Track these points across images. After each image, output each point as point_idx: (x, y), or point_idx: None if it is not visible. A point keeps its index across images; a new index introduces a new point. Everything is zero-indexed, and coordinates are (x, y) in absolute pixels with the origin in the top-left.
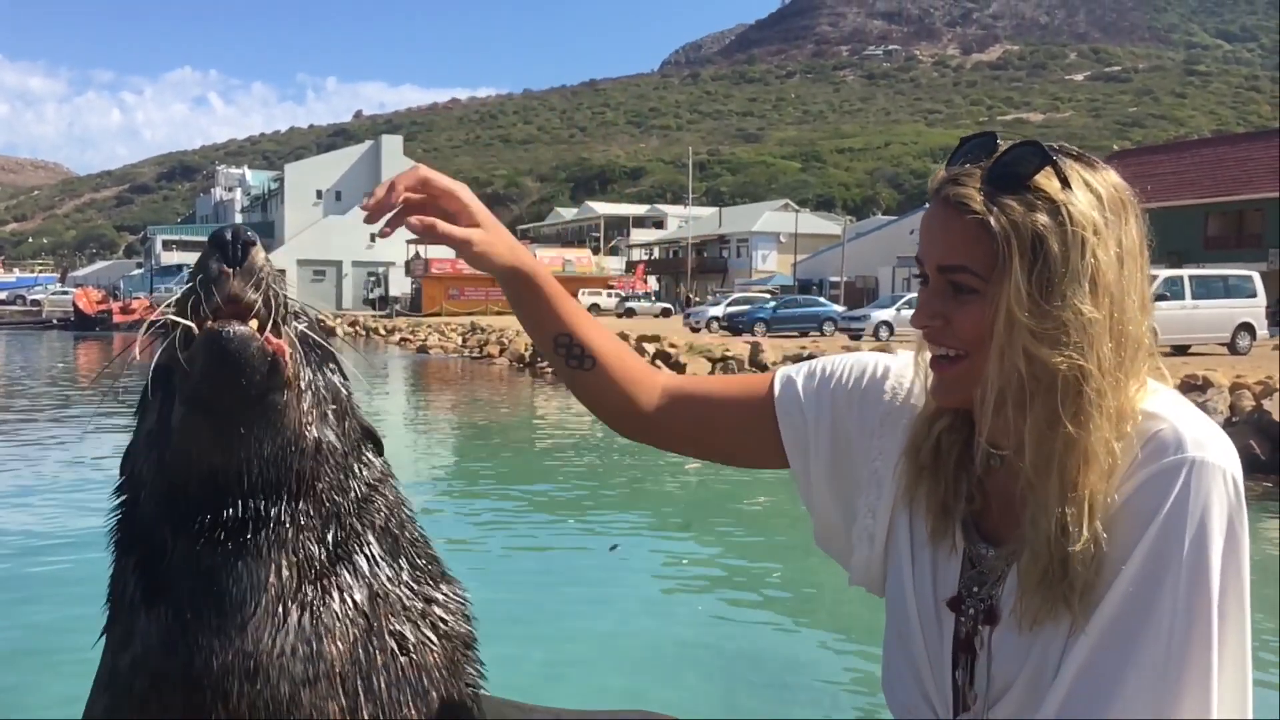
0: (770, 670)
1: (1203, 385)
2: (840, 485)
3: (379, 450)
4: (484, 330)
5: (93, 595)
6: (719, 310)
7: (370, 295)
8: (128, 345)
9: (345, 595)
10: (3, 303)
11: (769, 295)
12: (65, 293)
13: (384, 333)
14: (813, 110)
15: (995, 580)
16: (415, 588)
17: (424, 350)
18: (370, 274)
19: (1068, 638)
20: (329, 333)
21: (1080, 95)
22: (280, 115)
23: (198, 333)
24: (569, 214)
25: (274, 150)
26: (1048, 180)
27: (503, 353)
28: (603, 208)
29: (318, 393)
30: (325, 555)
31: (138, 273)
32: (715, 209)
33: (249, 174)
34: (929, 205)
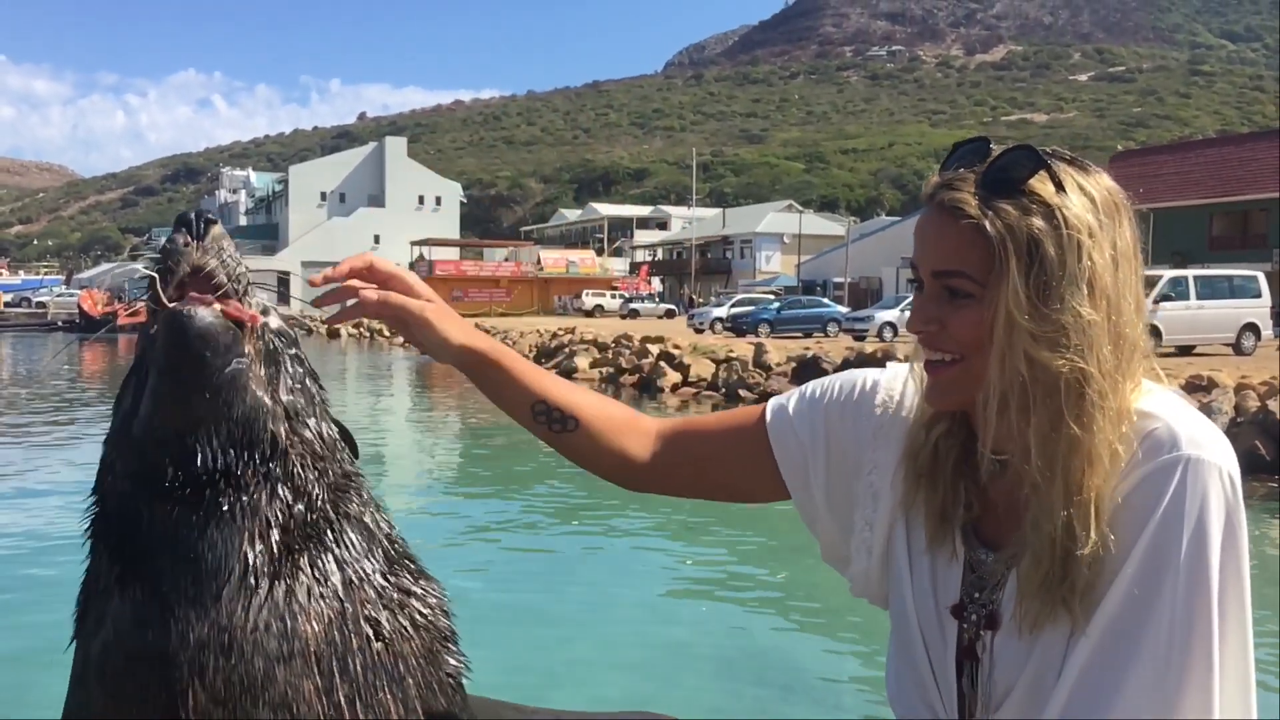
0: (772, 671)
1: (1208, 386)
2: (838, 502)
3: (354, 451)
4: (488, 332)
5: None
6: (723, 311)
7: None
8: (98, 331)
9: (319, 575)
10: (9, 305)
11: (773, 296)
12: (70, 294)
13: (388, 334)
14: (816, 111)
15: (995, 585)
16: (391, 579)
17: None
18: None
19: (1069, 640)
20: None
21: (1084, 95)
22: (284, 117)
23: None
24: (573, 215)
25: (278, 152)
26: (1042, 184)
27: None
28: (606, 209)
29: (285, 365)
30: (298, 529)
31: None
32: (719, 210)
33: (253, 176)
34: (923, 211)
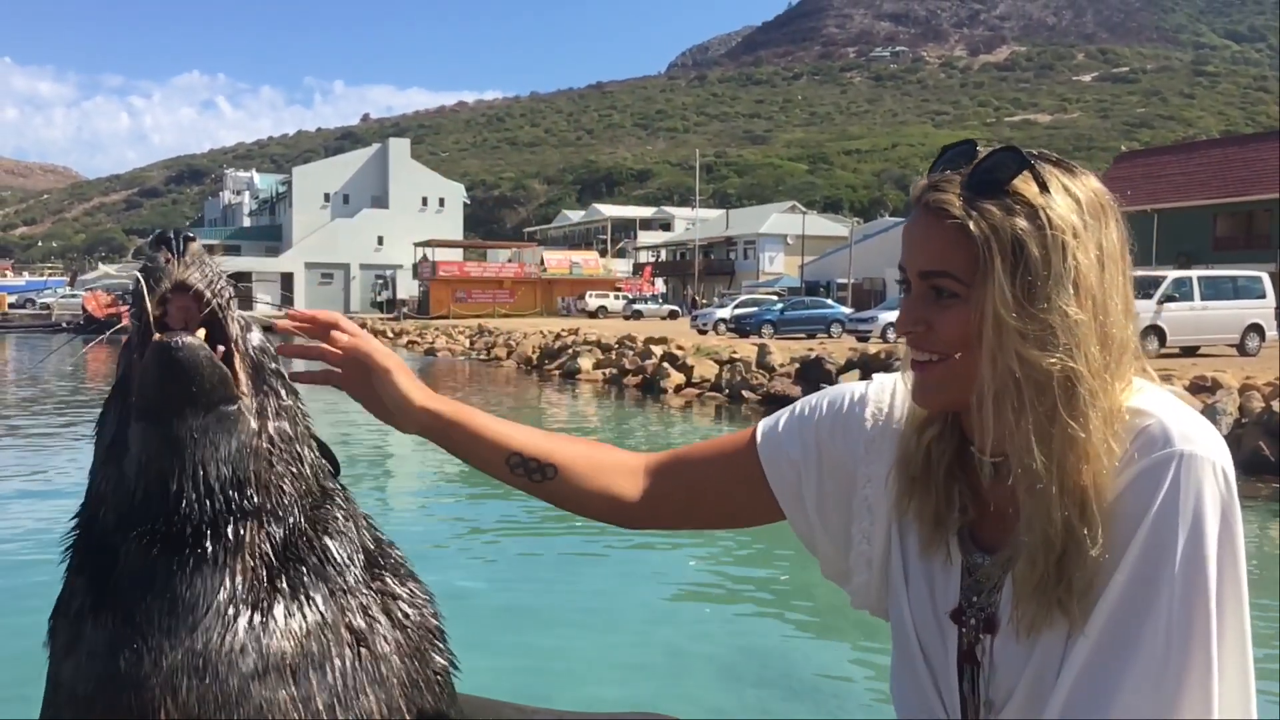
0: (773, 672)
1: (1212, 387)
2: (834, 518)
3: (335, 467)
4: (491, 333)
5: None
6: (726, 312)
7: (378, 298)
8: (89, 343)
9: (297, 593)
10: (13, 306)
11: (776, 297)
12: (74, 296)
13: (392, 335)
14: (820, 112)
15: (992, 588)
16: (375, 585)
17: (432, 352)
18: (378, 277)
19: (1067, 640)
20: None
21: (1088, 96)
22: (288, 119)
23: (150, 336)
24: (576, 216)
25: (282, 154)
26: (1026, 185)
27: (510, 355)
28: (610, 210)
29: (271, 403)
30: (279, 557)
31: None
32: (722, 211)
33: (257, 177)
34: (911, 213)
